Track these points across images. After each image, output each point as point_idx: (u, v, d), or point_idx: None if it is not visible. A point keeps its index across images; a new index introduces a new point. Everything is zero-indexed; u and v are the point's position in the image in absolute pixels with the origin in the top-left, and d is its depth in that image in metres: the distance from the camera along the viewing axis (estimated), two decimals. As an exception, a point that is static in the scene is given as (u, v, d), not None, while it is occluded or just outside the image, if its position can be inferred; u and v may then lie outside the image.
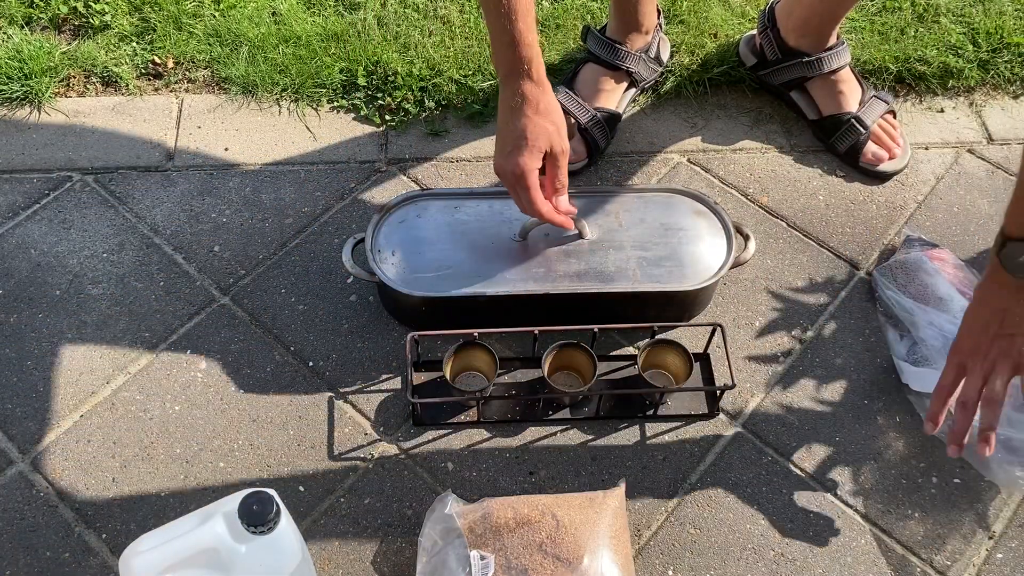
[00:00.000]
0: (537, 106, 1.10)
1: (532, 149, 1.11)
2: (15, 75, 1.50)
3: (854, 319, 1.30)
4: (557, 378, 1.22)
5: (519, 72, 1.09)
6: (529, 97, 1.10)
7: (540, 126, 1.11)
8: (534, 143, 1.11)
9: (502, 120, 1.12)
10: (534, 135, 1.10)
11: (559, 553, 0.99)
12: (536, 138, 1.11)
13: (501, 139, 1.13)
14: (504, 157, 1.12)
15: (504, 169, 1.13)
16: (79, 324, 1.27)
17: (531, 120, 1.10)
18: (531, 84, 1.10)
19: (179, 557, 0.85)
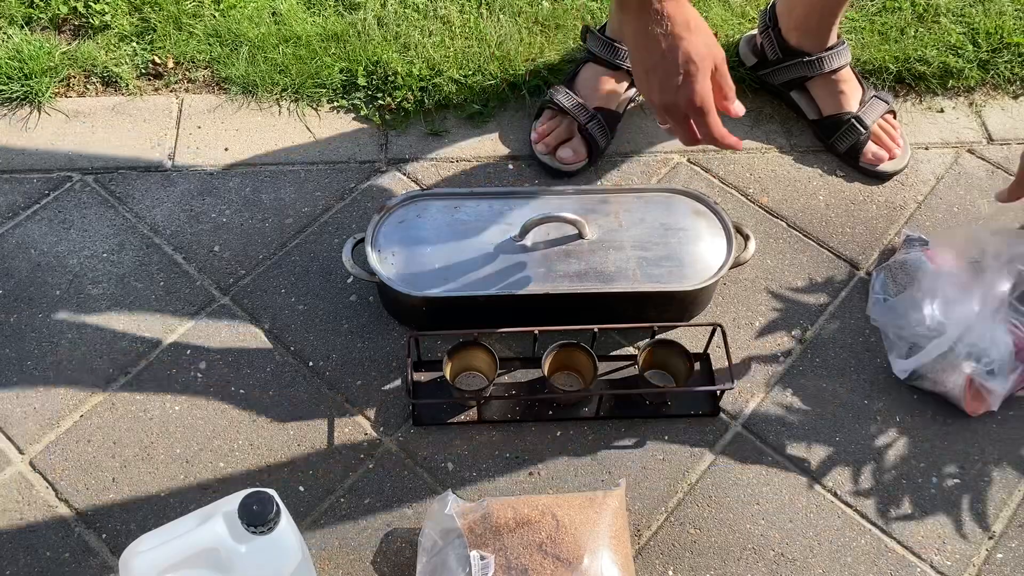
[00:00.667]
0: (688, 23, 1.00)
1: (704, 72, 1.01)
2: (15, 75, 1.50)
3: (854, 319, 1.30)
4: (557, 378, 1.22)
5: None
6: (676, 16, 0.99)
7: (700, 44, 1.00)
8: (703, 65, 1.00)
9: (649, 51, 1.00)
10: (700, 56, 1.00)
11: (559, 553, 0.99)
12: (703, 59, 1.00)
13: (662, 72, 1.00)
14: (674, 91, 1.01)
15: (677, 103, 1.02)
16: (79, 324, 1.27)
17: (690, 41, 0.99)
18: (673, 2, 0.99)
19: (179, 557, 0.85)
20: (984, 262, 1.22)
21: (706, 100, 1.01)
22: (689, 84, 1.00)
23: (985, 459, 1.19)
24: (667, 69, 1.00)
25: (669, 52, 0.99)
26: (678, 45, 0.99)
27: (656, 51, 1.00)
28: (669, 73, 1.00)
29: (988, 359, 1.18)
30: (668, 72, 1.00)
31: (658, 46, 1.00)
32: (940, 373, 1.20)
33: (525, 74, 1.54)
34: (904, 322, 1.22)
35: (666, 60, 1.00)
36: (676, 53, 0.99)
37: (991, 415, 1.21)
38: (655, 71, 1.01)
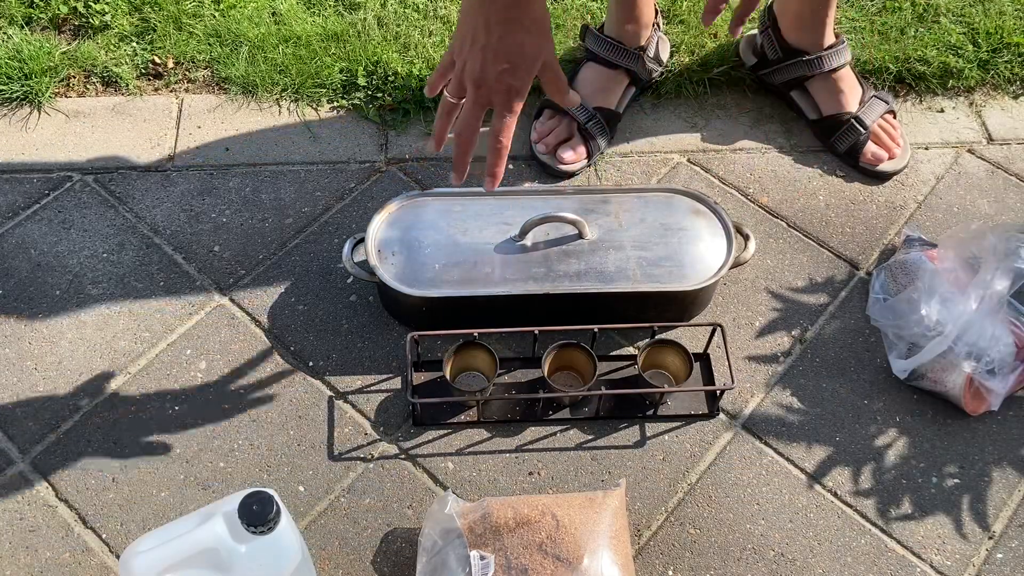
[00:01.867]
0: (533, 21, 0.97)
1: (529, 70, 0.98)
2: (15, 75, 1.50)
3: (854, 319, 1.30)
4: (557, 378, 1.22)
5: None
6: (529, 8, 0.96)
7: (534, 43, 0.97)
8: (531, 65, 0.98)
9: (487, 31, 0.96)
10: (531, 55, 0.97)
11: (559, 553, 0.99)
12: (534, 59, 0.98)
13: (490, 53, 0.96)
14: (494, 75, 0.97)
15: (491, 86, 0.97)
16: (79, 324, 1.27)
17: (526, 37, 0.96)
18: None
19: (179, 557, 0.85)
20: (983, 261, 1.22)
21: (519, 96, 0.98)
22: (514, 75, 0.97)
23: (985, 459, 1.19)
24: (497, 53, 0.96)
25: (506, 38, 0.96)
26: (515, 37, 0.96)
27: (494, 31, 0.96)
28: (497, 58, 0.96)
29: (988, 358, 1.18)
30: (496, 57, 0.96)
31: (498, 28, 0.96)
32: (940, 373, 1.20)
33: (525, 74, 1.54)
34: (904, 322, 1.22)
35: (500, 44, 0.96)
36: (512, 43, 0.96)
37: (991, 415, 1.21)
38: (484, 47, 0.97)
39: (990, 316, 1.19)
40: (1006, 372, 1.19)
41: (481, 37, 0.96)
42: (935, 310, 1.21)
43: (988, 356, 1.18)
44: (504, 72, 0.97)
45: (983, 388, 1.18)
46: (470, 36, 0.97)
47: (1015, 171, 1.48)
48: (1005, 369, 1.19)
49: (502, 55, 0.96)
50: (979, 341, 1.18)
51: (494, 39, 0.96)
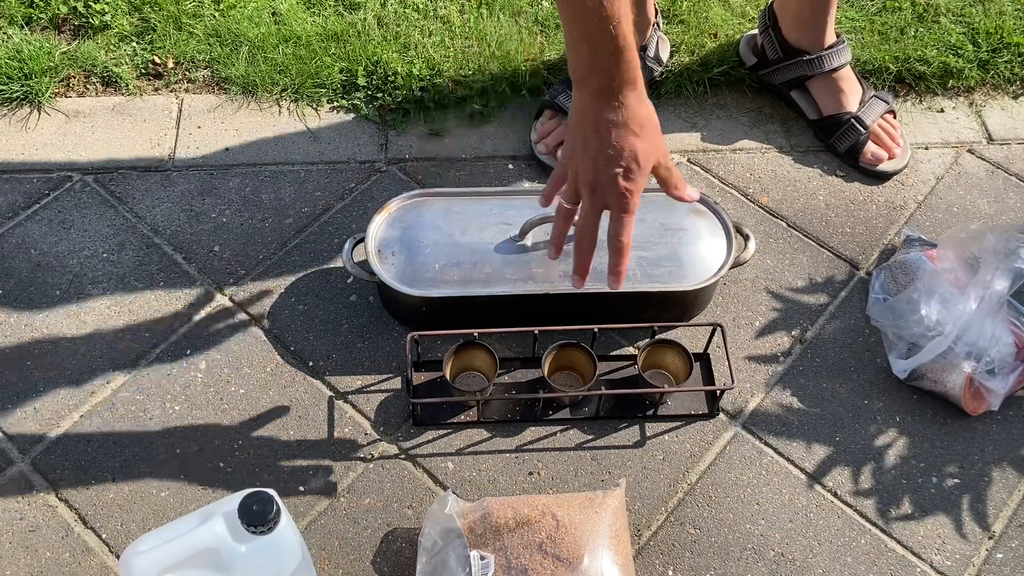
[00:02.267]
0: (642, 123, 0.99)
1: (644, 172, 1.00)
2: (15, 75, 1.50)
3: (854, 319, 1.30)
4: (557, 378, 1.22)
5: (626, 82, 0.96)
6: (633, 111, 0.98)
7: (648, 145, 0.99)
8: (646, 165, 0.99)
9: (598, 134, 0.98)
10: (645, 156, 0.99)
11: (559, 553, 0.99)
12: (647, 159, 0.99)
13: (603, 158, 0.98)
14: (610, 179, 0.98)
15: (606, 189, 0.99)
16: (79, 324, 1.27)
17: (639, 140, 0.99)
18: (635, 95, 0.98)
19: (179, 557, 0.85)
20: (983, 261, 1.22)
21: (634, 197, 1.00)
22: (627, 178, 0.99)
23: (985, 459, 1.19)
24: (609, 157, 0.98)
25: (616, 143, 0.98)
26: (626, 140, 0.98)
27: (605, 137, 0.98)
28: (610, 162, 0.98)
29: (988, 358, 1.18)
30: (609, 161, 0.98)
31: (608, 133, 0.98)
32: (940, 373, 1.20)
33: (525, 74, 1.54)
34: (904, 322, 1.23)
35: (611, 148, 0.98)
36: (623, 147, 0.98)
37: (991, 415, 1.21)
38: (596, 153, 0.99)
39: (990, 316, 1.19)
40: (1006, 372, 1.19)
41: (592, 144, 0.98)
42: (935, 310, 1.21)
43: (988, 356, 1.18)
44: (617, 176, 0.98)
45: (983, 388, 1.18)
46: (581, 144, 0.99)
47: (1015, 171, 1.48)
48: (1005, 369, 1.19)
49: (614, 160, 0.98)
50: (979, 341, 1.18)
51: (605, 145, 0.98)
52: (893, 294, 1.27)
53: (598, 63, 0.96)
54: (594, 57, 0.96)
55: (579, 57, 0.97)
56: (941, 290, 1.22)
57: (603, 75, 0.96)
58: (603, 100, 0.97)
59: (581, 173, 1.00)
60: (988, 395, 1.19)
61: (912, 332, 1.22)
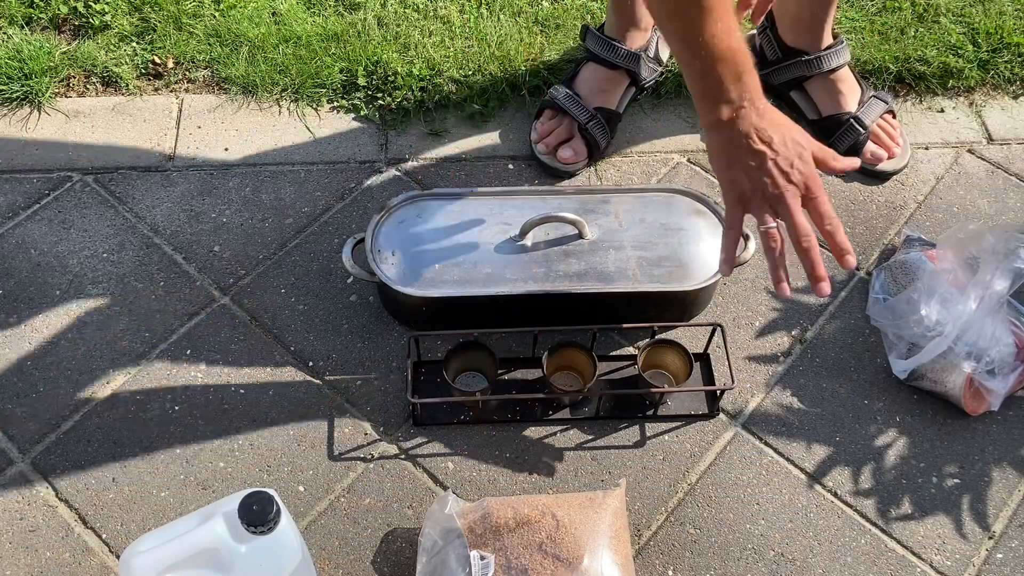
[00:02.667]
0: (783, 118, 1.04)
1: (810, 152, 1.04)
2: (15, 75, 1.50)
3: (854, 319, 1.30)
4: (557, 378, 1.22)
5: (757, 91, 1.01)
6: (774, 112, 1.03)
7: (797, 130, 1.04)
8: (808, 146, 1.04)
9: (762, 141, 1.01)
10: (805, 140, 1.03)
11: (559, 553, 0.99)
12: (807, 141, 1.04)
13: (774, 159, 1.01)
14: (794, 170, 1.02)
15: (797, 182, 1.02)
16: (79, 324, 1.27)
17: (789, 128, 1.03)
18: (764, 99, 1.02)
19: (179, 557, 0.85)
20: (982, 261, 1.22)
21: (816, 176, 1.03)
22: (804, 161, 1.02)
23: (985, 459, 1.19)
24: (784, 155, 1.02)
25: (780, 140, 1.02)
26: (784, 133, 1.02)
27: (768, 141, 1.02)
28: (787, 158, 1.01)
29: (988, 358, 1.18)
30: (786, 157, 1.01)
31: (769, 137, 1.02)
32: (940, 373, 1.20)
33: (525, 74, 1.54)
34: (904, 322, 1.23)
35: (779, 147, 1.02)
36: (785, 139, 1.02)
37: (991, 415, 1.21)
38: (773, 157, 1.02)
39: (990, 316, 1.19)
40: (1006, 372, 1.19)
41: (761, 161, 1.01)
42: (935, 310, 1.21)
43: (988, 356, 1.18)
44: (799, 166, 1.02)
45: (983, 388, 1.18)
46: (752, 173, 1.02)
47: (1015, 171, 1.48)
48: (1005, 369, 1.19)
49: (789, 156, 1.01)
50: (979, 341, 1.18)
51: (773, 151, 1.01)
52: (893, 294, 1.27)
53: (731, 88, 1.00)
54: (725, 85, 1.00)
55: (714, 89, 1.01)
56: (941, 290, 1.22)
57: (738, 97, 1.00)
58: (748, 114, 1.01)
59: (768, 192, 1.02)
60: (988, 395, 1.19)
61: (912, 332, 1.22)
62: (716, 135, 1.04)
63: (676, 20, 1.00)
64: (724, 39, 0.99)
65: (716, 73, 1.00)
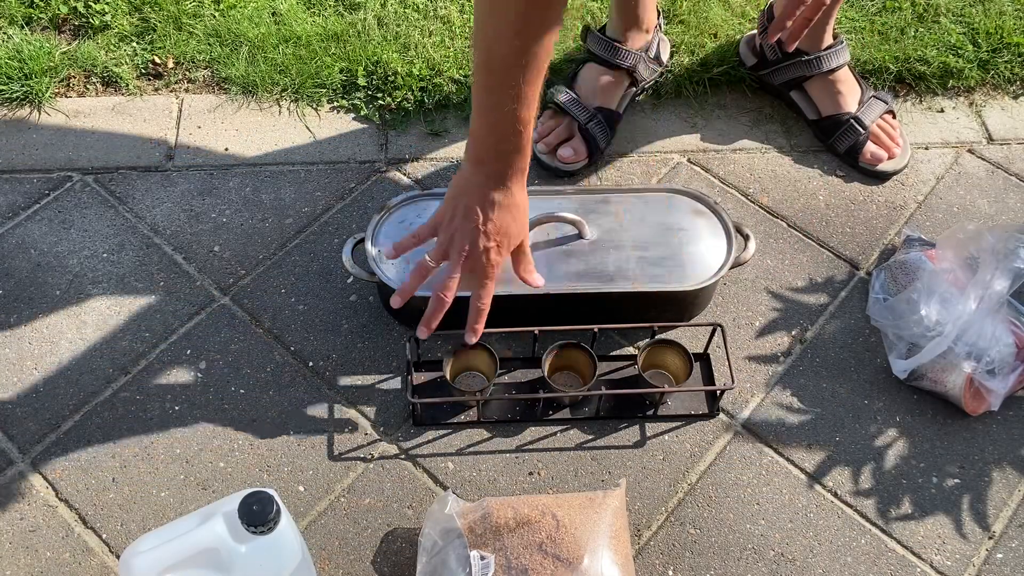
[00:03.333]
0: (519, 206, 1.12)
1: (508, 248, 1.13)
2: (15, 75, 1.50)
3: (854, 319, 1.30)
4: (557, 378, 1.22)
5: (517, 171, 1.09)
6: (516, 196, 1.10)
7: (517, 226, 1.12)
8: (511, 243, 1.13)
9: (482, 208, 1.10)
10: (512, 236, 1.12)
11: (559, 553, 0.99)
12: (513, 239, 1.13)
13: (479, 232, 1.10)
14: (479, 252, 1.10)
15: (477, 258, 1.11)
16: (79, 324, 1.27)
17: (512, 221, 1.11)
18: (520, 183, 1.11)
19: (179, 557, 0.85)
20: (982, 261, 1.22)
21: (497, 269, 1.12)
22: (498, 252, 1.12)
23: (985, 459, 1.19)
24: (487, 232, 1.10)
25: (496, 221, 1.10)
26: (504, 220, 1.10)
27: (487, 214, 1.09)
28: (488, 236, 1.10)
29: (988, 358, 1.18)
30: (487, 235, 1.10)
31: (491, 211, 1.09)
32: (940, 373, 1.20)
33: (525, 74, 1.54)
34: (903, 322, 1.23)
35: (490, 224, 1.10)
36: (500, 225, 1.10)
37: (991, 415, 1.22)
38: (476, 226, 1.10)
39: (990, 316, 1.19)
40: (1006, 372, 1.19)
41: (475, 217, 1.10)
42: (935, 310, 1.21)
43: (988, 356, 1.18)
44: (490, 249, 1.11)
45: (983, 388, 1.18)
46: (463, 214, 1.10)
47: (1015, 171, 1.48)
48: (1005, 369, 1.19)
49: (492, 235, 1.10)
50: (979, 341, 1.18)
51: (489, 221, 1.10)
52: (893, 294, 1.27)
53: (500, 153, 1.08)
54: (497, 148, 1.08)
55: (483, 144, 1.09)
56: (941, 290, 1.22)
57: (501, 163, 1.08)
58: (494, 182, 1.09)
59: (457, 240, 1.11)
60: (988, 395, 1.19)
61: (912, 332, 1.22)
62: (468, 170, 1.11)
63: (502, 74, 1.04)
64: (527, 114, 1.05)
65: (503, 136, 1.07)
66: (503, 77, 1.03)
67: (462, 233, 1.11)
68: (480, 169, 1.10)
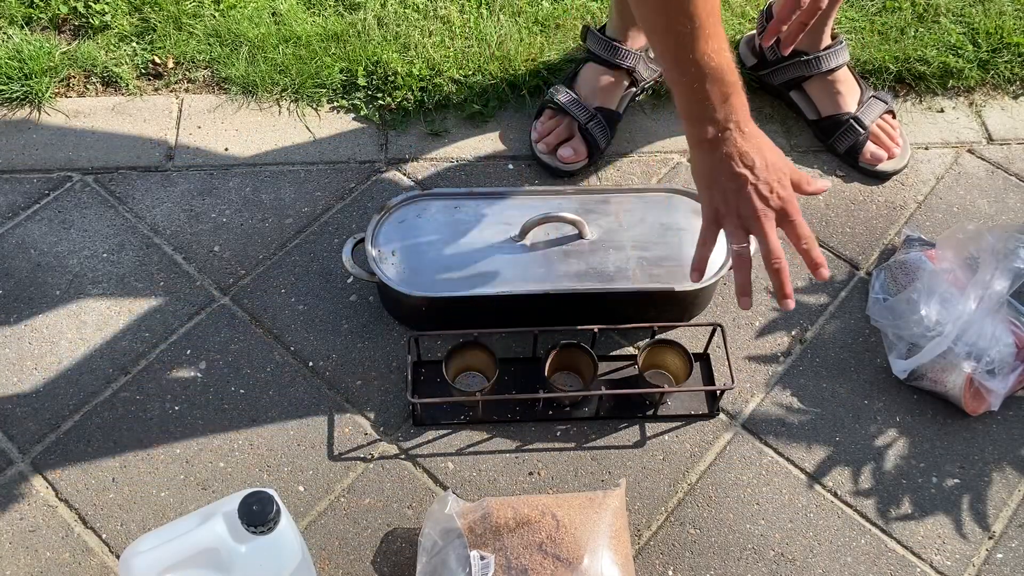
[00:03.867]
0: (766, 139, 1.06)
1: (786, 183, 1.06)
2: (15, 75, 1.50)
3: (854, 319, 1.30)
4: (557, 378, 1.22)
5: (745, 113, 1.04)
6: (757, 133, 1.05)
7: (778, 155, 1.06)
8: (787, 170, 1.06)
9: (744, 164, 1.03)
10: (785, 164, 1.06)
11: (559, 553, 0.99)
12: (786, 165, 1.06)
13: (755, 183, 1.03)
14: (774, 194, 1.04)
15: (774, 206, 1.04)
16: (79, 324, 1.27)
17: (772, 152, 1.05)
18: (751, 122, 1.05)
19: (179, 557, 0.85)
20: (982, 261, 1.22)
21: (793, 202, 1.05)
22: (783, 186, 1.05)
23: (985, 459, 1.19)
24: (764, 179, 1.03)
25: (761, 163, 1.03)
26: (766, 158, 1.04)
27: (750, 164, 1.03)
28: (767, 181, 1.03)
29: (988, 358, 1.18)
30: (767, 181, 1.03)
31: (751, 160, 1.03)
32: (940, 373, 1.20)
33: (525, 74, 1.54)
34: (903, 322, 1.23)
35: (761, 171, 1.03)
36: (767, 163, 1.03)
37: (991, 415, 1.22)
38: (754, 181, 1.03)
39: (990, 316, 1.19)
40: (1006, 372, 1.19)
41: (740, 176, 1.03)
42: (935, 310, 1.21)
43: (988, 356, 1.18)
44: (778, 191, 1.04)
45: (983, 388, 1.18)
46: (731, 192, 1.04)
47: (1015, 171, 1.48)
48: (1005, 369, 1.19)
49: (769, 180, 1.03)
50: (979, 341, 1.18)
51: (754, 169, 1.03)
52: (893, 294, 1.27)
53: (722, 97, 1.01)
54: (720, 94, 1.01)
55: (702, 101, 1.01)
56: (941, 290, 1.22)
57: (727, 108, 1.02)
58: (732, 132, 1.03)
59: (744, 209, 1.04)
60: (988, 395, 1.19)
61: (912, 332, 1.22)
62: (700, 154, 1.05)
63: (667, 37, 1.00)
64: (714, 58, 0.99)
65: (704, 92, 1.01)
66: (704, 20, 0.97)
67: (743, 201, 1.04)
68: (712, 129, 1.02)
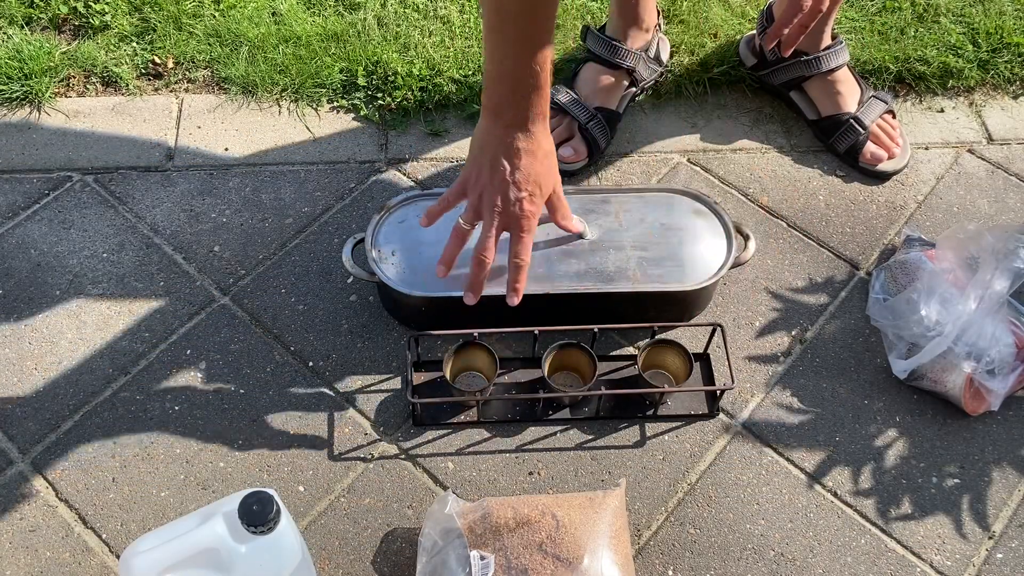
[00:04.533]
0: (547, 151, 1.10)
1: (543, 196, 1.10)
2: (15, 75, 1.50)
3: (854, 319, 1.30)
4: (557, 378, 1.22)
5: (539, 114, 1.07)
6: (540, 141, 1.08)
7: (547, 170, 1.10)
8: (544, 189, 1.10)
9: (508, 160, 1.07)
10: (546, 182, 1.10)
11: (559, 553, 0.99)
12: (546, 185, 1.10)
13: (508, 183, 1.07)
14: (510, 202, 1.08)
15: (511, 211, 1.09)
16: (79, 324, 1.27)
17: (541, 166, 1.09)
18: (543, 127, 1.08)
19: (179, 557, 0.85)
20: (982, 261, 1.22)
21: (534, 220, 1.10)
22: (531, 202, 1.09)
23: (985, 459, 1.19)
24: (518, 182, 1.07)
25: (525, 169, 1.07)
26: (533, 167, 1.07)
27: (515, 163, 1.07)
28: (519, 186, 1.07)
29: (988, 358, 1.18)
30: (518, 185, 1.07)
31: (519, 159, 1.07)
32: (940, 373, 1.20)
33: (525, 74, 1.54)
34: (903, 322, 1.23)
35: (519, 173, 1.07)
36: (530, 172, 1.07)
37: (991, 415, 1.22)
38: (506, 177, 1.07)
39: (990, 316, 1.19)
40: (1006, 372, 1.19)
41: (501, 168, 1.06)
42: (935, 310, 1.21)
43: (988, 356, 1.18)
44: (523, 199, 1.07)
45: (983, 388, 1.18)
46: (489, 168, 1.07)
47: (1015, 171, 1.48)
48: (1005, 369, 1.19)
49: (523, 184, 1.07)
50: (979, 341, 1.18)
51: (517, 170, 1.07)
52: (893, 294, 1.27)
53: (516, 99, 1.04)
54: (515, 93, 1.04)
55: (499, 92, 1.05)
56: (941, 290, 1.22)
57: (520, 109, 1.05)
58: (516, 130, 1.06)
59: (486, 195, 1.07)
60: (988, 395, 1.19)
61: (912, 332, 1.22)
62: (486, 122, 1.07)
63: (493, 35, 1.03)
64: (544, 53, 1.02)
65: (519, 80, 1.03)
66: (515, 16, 0.99)
67: (491, 188, 1.07)
68: (499, 119, 1.06)
